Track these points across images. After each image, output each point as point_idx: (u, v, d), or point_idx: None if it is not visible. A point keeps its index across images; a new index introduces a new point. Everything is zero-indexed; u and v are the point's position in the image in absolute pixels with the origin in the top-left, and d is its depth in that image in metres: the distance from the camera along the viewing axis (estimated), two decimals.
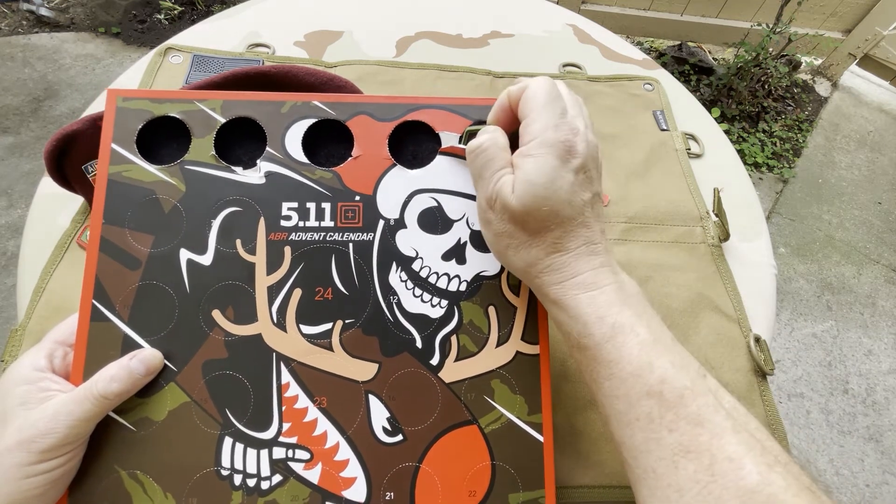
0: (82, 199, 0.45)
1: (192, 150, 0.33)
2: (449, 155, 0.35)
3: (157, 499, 0.29)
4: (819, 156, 1.72)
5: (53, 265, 0.42)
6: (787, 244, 1.49)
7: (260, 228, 0.32)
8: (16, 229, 1.22)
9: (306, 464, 0.30)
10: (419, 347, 0.32)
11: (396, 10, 0.71)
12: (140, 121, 0.32)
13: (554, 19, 0.74)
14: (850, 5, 1.78)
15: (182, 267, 0.31)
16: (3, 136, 1.36)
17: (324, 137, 0.35)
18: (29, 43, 1.59)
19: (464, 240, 0.34)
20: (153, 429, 0.29)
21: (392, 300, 0.33)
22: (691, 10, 1.84)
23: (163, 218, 0.32)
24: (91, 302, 0.30)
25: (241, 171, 0.33)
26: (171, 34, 1.01)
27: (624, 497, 0.37)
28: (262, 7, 0.68)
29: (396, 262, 0.33)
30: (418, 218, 0.34)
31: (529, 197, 0.26)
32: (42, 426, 0.25)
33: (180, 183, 0.32)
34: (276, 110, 0.34)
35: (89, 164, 0.42)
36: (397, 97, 0.35)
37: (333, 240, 0.33)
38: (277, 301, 0.32)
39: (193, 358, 0.30)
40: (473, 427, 0.32)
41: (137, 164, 0.32)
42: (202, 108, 0.33)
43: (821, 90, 1.94)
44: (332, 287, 0.32)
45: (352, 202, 0.33)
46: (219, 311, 0.31)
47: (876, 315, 1.37)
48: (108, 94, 0.33)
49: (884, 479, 1.11)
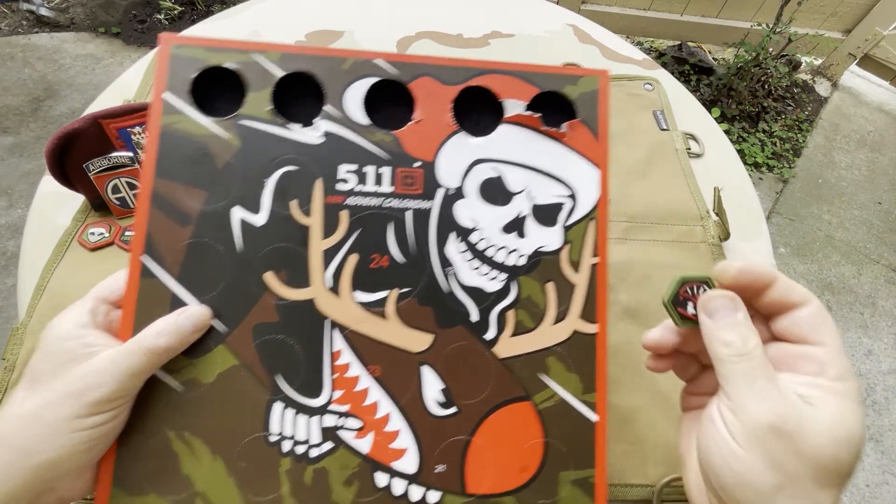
0: (83, 198, 0.45)
1: (248, 103, 0.31)
2: (513, 124, 0.33)
3: (204, 461, 0.28)
4: (819, 156, 1.72)
5: (54, 264, 0.42)
6: (787, 244, 1.49)
7: (316, 190, 0.31)
8: (16, 229, 1.22)
9: (357, 433, 0.30)
10: (475, 321, 0.31)
11: (397, 10, 0.71)
12: (194, 70, 0.30)
13: (554, 19, 0.74)
14: (850, 5, 1.78)
15: (234, 226, 0.30)
16: (3, 136, 1.36)
17: (384, 98, 0.32)
18: (29, 43, 1.59)
19: (524, 213, 0.32)
20: (202, 390, 0.29)
21: (448, 272, 0.32)
22: (691, 10, 1.84)
23: (215, 174, 0.30)
24: (140, 258, 0.29)
25: (297, 130, 0.31)
26: None
27: (625, 496, 0.37)
28: (263, 7, 0.68)
29: (455, 232, 0.32)
30: (479, 188, 0.32)
31: (845, 444, 0.22)
32: (91, 379, 0.25)
33: (234, 138, 0.31)
34: (336, 66, 0.32)
35: (90, 163, 0.42)
36: (463, 59, 0.33)
37: (391, 206, 0.31)
38: (332, 266, 0.30)
39: (244, 320, 0.29)
40: (527, 403, 0.31)
41: (189, 116, 0.30)
42: (260, 60, 0.31)
43: (821, 90, 1.94)
44: (389, 255, 0.31)
45: (411, 168, 0.32)
46: (271, 273, 0.30)
47: (876, 315, 1.37)
48: (161, 40, 0.31)
49: (884, 479, 1.11)
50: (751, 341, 0.24)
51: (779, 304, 0.25)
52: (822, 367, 0.23)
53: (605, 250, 0.33)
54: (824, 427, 0.22)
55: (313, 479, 0.29)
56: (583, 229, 0.33)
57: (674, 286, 0.26)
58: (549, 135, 0.33)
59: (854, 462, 0.22)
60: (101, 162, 0.42)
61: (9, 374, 0.37)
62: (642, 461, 0.39)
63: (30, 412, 0.24)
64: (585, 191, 0.33)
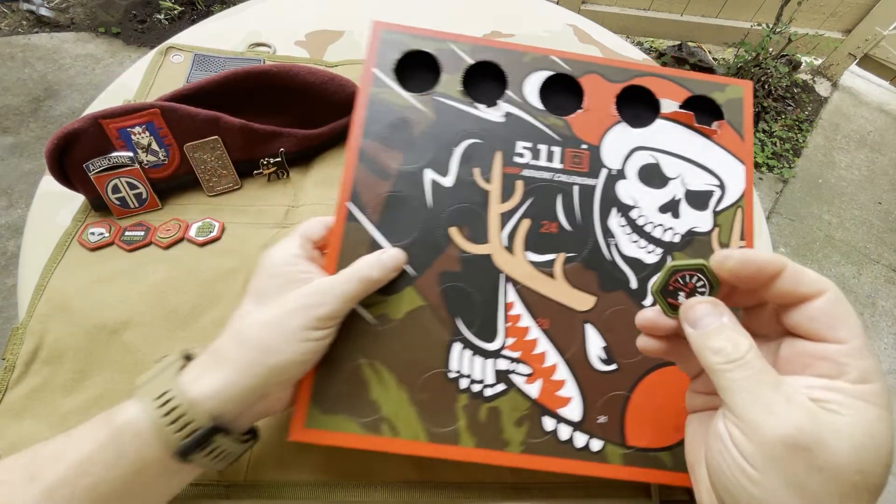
0: (83, 198, 0.45)
1: (442, 83, 0.37)
2: (669, 120, 0.38)
3: (391, 389, 0.32)
4: (819, 156, 1.72)
5: (54, 264, 0.42)
6: (787, 244, 1.49)
7: (496, 161, 0.36)
8: (16, 229, 1.22)
9: (527, 378, 0.33)
10: (633, 288, 0.35)
11: (397, 10, 0.71)
12: (399, 51, 0.37)
13: (554, 19, 0.74)
14: (850, 5, 1.78)
15: (426, 185, 0.35)
16: (3, 136, 1.36)
17: (556, 89, 0.38)
18: (29, 43, 1.59)
19: (679, 196, 0.37)
20: (392, 325, 0.32)
21: (610, 242, 0.35)
22: (691, 10, 1.84)
23: (412, 139, 0.35)
24: (346, 204, 0.34)
25: (483, 109, 0.37)
26: (171, 34, 1.01)
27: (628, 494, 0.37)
28: (263, 7, 0.68)
29: (616, 208, 0.36)
30: (638, 171, 0.37)
31: (871, 455, 0.19)
32: (317, 298, 0.29)
33: (431, 112, 0.36)
34: (518, 59, 0.38)
35: (90, 163, 0.42)
36: (625, 62, 0.39)
37: (560, 181, 0.36)
38: (508, 227, 0.35)
39: (431, 267, 0.33)
40: None
41: (393, 89, 0.36)
42: (454, 48, 0.38)
43: (821, 90, 1.94)
44: (557, 222, 0.35)
45: (578, 149, 0.37)
46: (455, 228, 0.34)
47: (876, 315, 1.37)
48: (373, 25, 0.38)
49: None
50: (742, 345, 0.21)
51: (790, 296, 0.22)
52: (841, 367, 0.20)
53: (752, 235, 0.36)
54: (845, 437, 0.19)
55: (487, 417, 0.32)
56: (731, 215, 0.37)
57: (664, 275, 0.25)
58: (701, 131, 0.38)
59: (883, 475, 0.19)
60: (101, 162, 0.42)
61: (9, 374, 0.37)
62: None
63: (271, 319, 0.28)
64: (733, 182, 0.37)
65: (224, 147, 0.45)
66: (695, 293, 0.24)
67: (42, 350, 0.37)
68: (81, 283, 0.41)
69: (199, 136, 0.45)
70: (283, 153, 0.47)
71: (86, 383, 0.37)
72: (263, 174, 0.48)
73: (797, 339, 0.22)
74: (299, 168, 0.50)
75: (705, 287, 0.24)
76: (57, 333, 0.38)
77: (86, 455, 0.24)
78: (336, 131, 0.50)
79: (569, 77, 0.38)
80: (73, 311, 0.39)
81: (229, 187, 0.47)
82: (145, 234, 0.43)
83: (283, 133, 0.47)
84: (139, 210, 0.45)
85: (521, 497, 0.35)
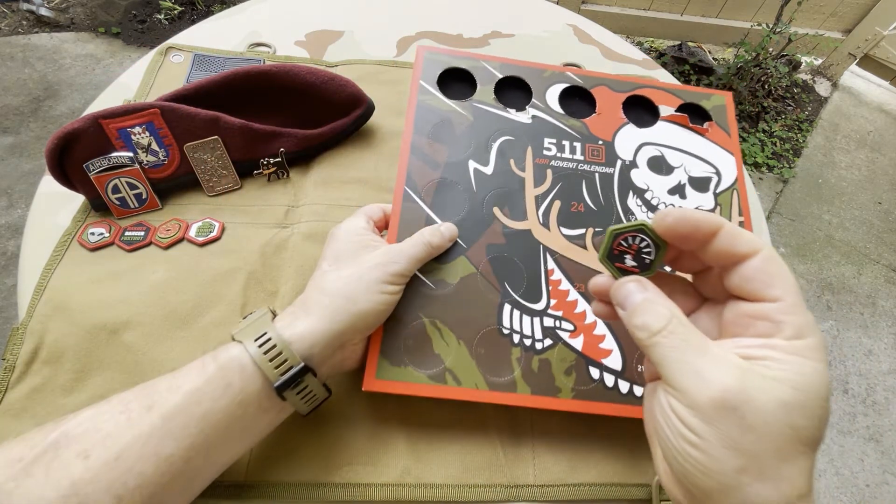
0: (83, 198, 0.45)
1: (478, 93, 0.45)
2: (667, 121, 0.46)
3: (451, 344, 0.36)
4: (819, 156, 1.72)
5: (54, 264, 0.42)
6: (787, 244, 1.49)
7: (528, 154, 0.43)
8: (16, 229, 1.22)
9: (571, 333, 0.37)
10: None
11: (397, 10, 0.71)
12: (440, 67, 0.45)
13: (554, 19, 0.74)
14: (850, 5, 1.78)
15: (471, 172, 0.41)
16: (3, 136, 1.36)
17: (573, 98, 0.46)
18: (29, 43, 1.59)
19: (683, 181, 0.44)
20: (448, 289, 0.37)
21: (631, 218, 0.41)
22: (691, 10, 1.84)
23: (455, 136, 0.42)
24: (403, 188, 0.39)
25: (513, 112, 0.44)
26: (171, 34, 1.01)
27: (628, 495, 0.37)
28: (263, 7, 0.68)
29: (632, 191, 0.42)
30: (647, 161, 0.44)
31: (799, 409, 0.19)
32: (391, 257, 0.33)
33: (469, 115, 0.44)
34: (539, 74, 0.46)
35: (90, 163, 0.42)
36: (629, 77, 0.48)
37: (583, 170, 0.43)
38: (542, 207, 0.41)
39: (478, 241, 0.39)
40: None
41: (437, 96, 0.44)
42: (486, 65, 0.46)
43: (821, 90, 1.93)
44: (584, 203, 0.41)
45: (596, 144, 0.44)
46: (497, 208, 0.40)
47: (876, 315, 1.37)
48: (417, 49, 0.46)
49: (884, 479, 1.11)
50: (663, 316, 0.22)
51: (727, 256, 0.22)
52: (777, 325, 0.21)
53: (748, 211, 0.43)
54: (772, 393, 0.19)
55: (539, 367, 0.36)
56: (729, 196, 0.44)
57: (607, 240, 0.25)
58: (695, 130, 0.46)
59: (817, 426, 0.19)
60: (101, 162, 0.42)
61: (9, 374, 0.37)
62: (642, 460, 0.39)
63: (353, 273, 0.32)
64: (726, 170, 0.45)
65: (224, 147, 0.45)
66: (640, 255, 0.24)
67: (42, 350, 0.37)
68: (81, 283, 0.41)
69: (199, 137, 0.45)
70: (283, 153, 0.47)
71: (86, 383, 0.37)
72: (263, 174, 0.48)
73: (739, 301, 0.23)
74: (299, 168, 0.50)
75: (650, 248, 0.24)
76: (57, 333, 0.38)
77: (198, 386, 0.27)
78: (336, 131, 0.50)
79: (582, 88, 0.46)
80: (73, 311, 0.39)
81: (229, 187, 0.47)
82: (145, 234, 0.43)
83: (283, 133, 0.47)
84: (139, 210, 0.45)
85: (522, 497, 0.36)
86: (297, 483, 0.34)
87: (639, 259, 0.24)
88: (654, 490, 0.37)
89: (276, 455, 0.35)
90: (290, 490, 0.34)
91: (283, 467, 0.35)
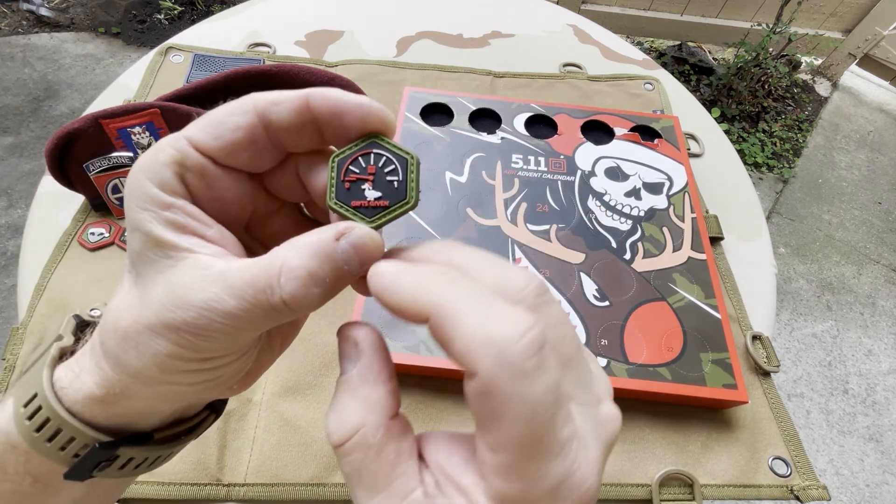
0: (83, 198, 0.45)
1: (455, 121, 0.52)
2: (621, 140, 0.53)
3: None
4: (819, 156, 1.72)
5: (54, 264, 0.42)
6: (787, 244, 1.49)
7: (498, 166, 0.50)
8: (16, 229, 1.22)
9: None
10: (614, 247, 0.45)
11: (397, 10, 0.71)
12: (422, 102, 0.53)
13: (554, 19, 0.74)
14: (850, 5, 1.78)
15: (447, 181, 0.48)
16: (3, 136, 1.36)
17: (538, 124, 0.54)
18: (29, 43, 1.59)
19: (638, 186, 0.50)
20: None
21: (591, 216, 0.47)
22: (691, 10, 1.84)
23: (434, 154, 0.50)
24: None
25: (485, 135, 0.52)
26: (171, 34, 1.01)
27: (627, 494, 0.37)
28: (263, 7, 0.68)
29: (592, 194, 0.49)
30: (605, 171, 0.51)
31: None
32: (187, 302, 0.14)
33: (447, 137, 0.51)
34: (507, 106, 0.54)
35: (90, 163, 0.42)
36: (586, 106, 0.56)
37: (547, 178, 0.49)
38: (510, 208, 0.47)
39: (454, 234, 0.44)
40: (663, 303, 0.42)
41: (419, 124, 0.52)
42: (461, 100, 0.54)
43: (821, 90, 1.93)
44: (548, 204, 0.47)
45: (558, 158, 0.51)
46: (470, 209, 0.46)
47: (876, 315, 1.37)
48: (405, 90, 0.54)
49: (884, 479, 1.11)
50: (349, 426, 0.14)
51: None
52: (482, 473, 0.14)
53: (700, 209, 0.49)
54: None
55: None
56: (681, 197, 0.50)
57: (331, 173, 0.17)
58: (646, 146, 0.53)
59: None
60: (101, 162, 0.42)
61: (9, 374, 0.37)
62: (642, 460, 0.39)
63: (126, 319, 0.16)
64: (677, 176, 0.51)
65: None
66: (384, 179, 0.17)
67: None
68: (81, 283, 0.41)
69: None
70: None
71: None
72: None
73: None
74: None
75: (394, 164, 0.17)
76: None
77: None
78: None
79: (545, 116, 0.54)
80: (72, 310, 0.39)
81: None
82: None
83: None
84: None
85: None
86: (297, 483, 0.34)
87: (383, 186, 0.16)
88: (655, 490, 0.37)
89: (276, 455, 0.35)
90: (290, 490, 0.34)
91: (283, 467, 0.35)
